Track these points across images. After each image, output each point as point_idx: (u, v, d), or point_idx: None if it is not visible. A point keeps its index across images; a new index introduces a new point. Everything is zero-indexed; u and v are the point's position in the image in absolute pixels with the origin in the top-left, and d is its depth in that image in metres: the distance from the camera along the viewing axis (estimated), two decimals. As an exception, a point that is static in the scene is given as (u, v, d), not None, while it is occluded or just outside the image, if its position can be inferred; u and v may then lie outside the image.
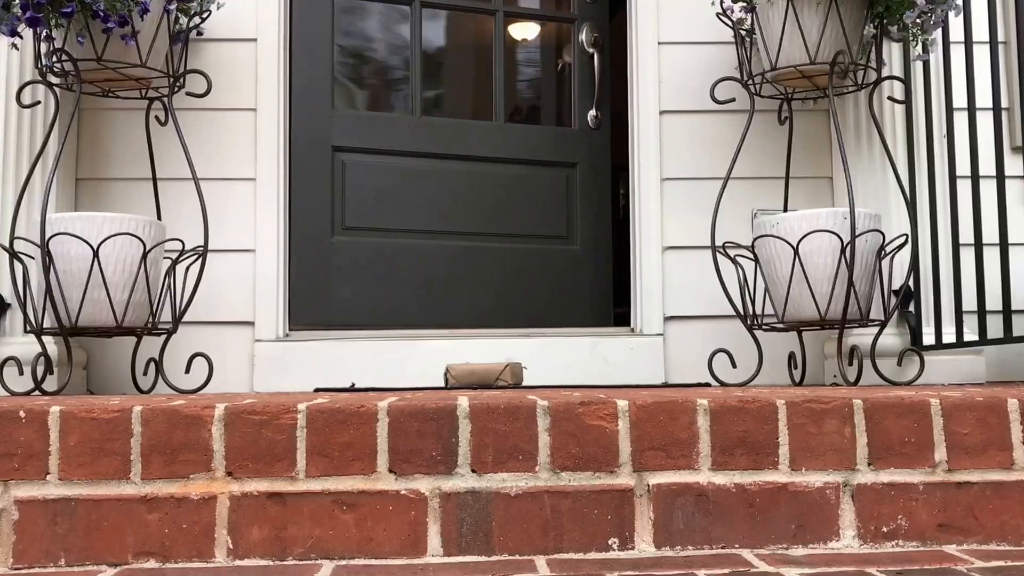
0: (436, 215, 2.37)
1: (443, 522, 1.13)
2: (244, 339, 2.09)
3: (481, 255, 2.37)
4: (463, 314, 2.32)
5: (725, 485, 1.16)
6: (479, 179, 2.41)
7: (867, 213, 1.77)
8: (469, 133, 2.42)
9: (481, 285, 2.38)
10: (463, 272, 2.35)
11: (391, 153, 2.37)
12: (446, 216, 2.37)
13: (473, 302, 2.35)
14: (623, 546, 1.14)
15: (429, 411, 1.16)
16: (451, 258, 2.38)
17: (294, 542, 1.13)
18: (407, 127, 2.39)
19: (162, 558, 1.12)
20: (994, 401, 1.20)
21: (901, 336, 1.92)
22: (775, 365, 1.98)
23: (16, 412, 1.15)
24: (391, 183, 2.37)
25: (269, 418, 1.16)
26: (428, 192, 2.38)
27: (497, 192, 2.41)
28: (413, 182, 2.38)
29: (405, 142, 2.38)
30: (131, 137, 2.06)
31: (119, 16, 1.67)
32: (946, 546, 1.16)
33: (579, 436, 1.17)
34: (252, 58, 2.14)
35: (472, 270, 2.37)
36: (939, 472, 1.18)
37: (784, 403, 1.19)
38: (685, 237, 2.15)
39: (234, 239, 2.10)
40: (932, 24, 1.80)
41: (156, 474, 1.14)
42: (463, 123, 2.44)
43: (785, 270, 1.77)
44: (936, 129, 1.91)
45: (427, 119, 2.41)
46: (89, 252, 1.66)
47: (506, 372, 1.82)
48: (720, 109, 2.00)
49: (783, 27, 1.78)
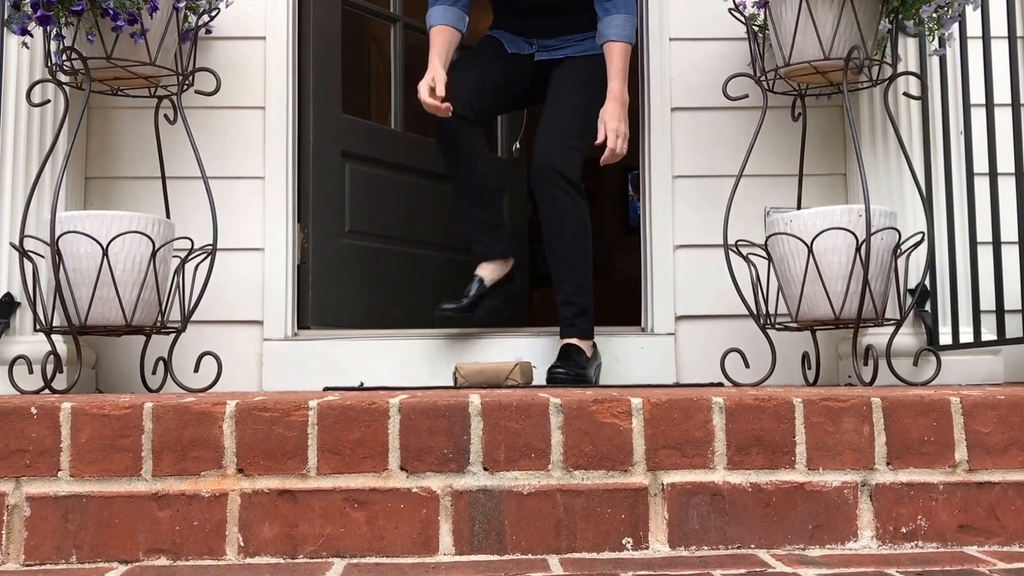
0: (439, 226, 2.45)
1: (455, 520, 1.12)
2: (253, 338, 2.09)
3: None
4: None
5: (741, 484, 1.15)
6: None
7: (882, 211, 1.74)
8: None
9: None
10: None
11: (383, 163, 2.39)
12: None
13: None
14: (637, 546, 1.13)
15: (441, 408, 1.15)
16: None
17: (305, 540, 1.12)
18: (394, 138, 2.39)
19: (173, 555, 1.11)
20: (1016, 400, 1.18)
21: (917, 336, 1.89)
22: (788, 365, 1.96)
23: (28, 409, 1.15)
24: (389, 188, 2.39)
25: (280, 415, 1.15)
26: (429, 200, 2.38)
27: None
28: (410, 190, 2.39)
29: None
30: (140, 135, 2.06)
31: (128, 14, 1.67)
32: (967, 547, 1.14)
33: (592, 434, 1.15)
34: (261, 56, 2.13)
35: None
36: (959, 472, 1.16)
37: (801, 401, 1.17)
38: (697, 235, 2.13)
39: (243, 238, 2.10)
40: (949, 18, 1.77)
41: (167, 471, 1.13)
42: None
43: (799, 268, 1.75)
44: (953, 125, 1.88)
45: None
46: (99, 250, 1.65)
47: (516, 371, 1.80)
48: (732, 106, 1.99)
49: (796, 22, 1.76)
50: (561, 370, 1.91)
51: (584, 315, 1.98)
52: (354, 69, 2.46)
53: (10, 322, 1.85)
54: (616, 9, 2.01)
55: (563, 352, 1.97)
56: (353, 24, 2.46)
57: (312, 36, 2.27)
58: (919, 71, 1.92)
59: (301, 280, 2.19)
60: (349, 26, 2.42)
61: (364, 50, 2.57)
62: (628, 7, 2.02)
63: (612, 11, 2.01)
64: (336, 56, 2.34)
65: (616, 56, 2.00)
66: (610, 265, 6.02)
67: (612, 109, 1.97)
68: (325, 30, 2.32)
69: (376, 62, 2.61)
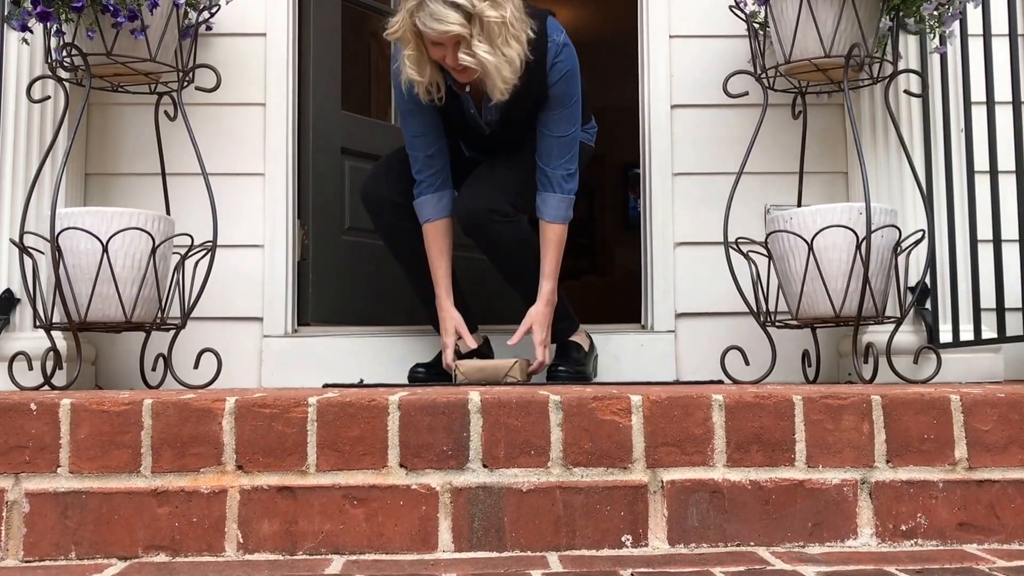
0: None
1: (454, 517, 1.12)
2: (252, 335, 2.09)
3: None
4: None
5: (740, 482, 1.15)
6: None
7: (883, 208, 1.74)
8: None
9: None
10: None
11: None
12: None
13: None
14: (636, 543, 1.13)
15: (440, 405, 1.15)
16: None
17: (304, 536, 1.12)
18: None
19: (172, 552, 1.11)
20: (1016, 398, 1.18)
21: (917, 334, 1.89)
22: (788, 363, 1.96)
23: (27, 405, 1.14)
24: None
25: (280, 412, 1.15)
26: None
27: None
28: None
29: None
30: (140, 132, 2.06)
31: (128, 10, 1.67)
32: (967, 545, 1.14)
33: (592, 431, 1.15)
34: (261, 53, 2.13)
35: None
36: (959, 470, 1.16)
37: (801, 399, 1.17)
38: (697, 233, 2.13)
39: (243, 234, 2.09)
40: (950, 16, 1.77)
41: (166, 467, 1.13)
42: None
43: (799, 266, 1.74)
44: (954, 123, 1.88)
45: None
46: (98, 247, 1.65)
47: (515, 368, 1.80)
48: (733, 103, 1.98)
49: (797, 19, 1.75)
50: (561, 368, 1.91)
51: (562, 318, 1.94)
52: (354, 65, 2.46)
53: (10, 318, 1.85)
54: (551, 188, 1.82)
55: (561, 350, 1.97)
56: (353, 20, 2.45)
57: (312, 32, 2.26)
58: (920, 69, 1.92)
59: (301, 277, 2.19)
60: (349, 22, 2.42)
61: (364, 46, 2.57)
62: (565, 186, 1.82)
63: (547, 188, 1.82)
64: (336, 52, 2.34)
65: (551, 245, 1.82)
66: (609, 262, 6.01)
67: (543, 312, 1.81)
68: (325, 26, 2.32)
69: (376, 58, 2.60)
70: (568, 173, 1.85)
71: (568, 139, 1.84)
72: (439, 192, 1.88)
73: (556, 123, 1.82)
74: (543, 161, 1.84)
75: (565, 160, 1.84)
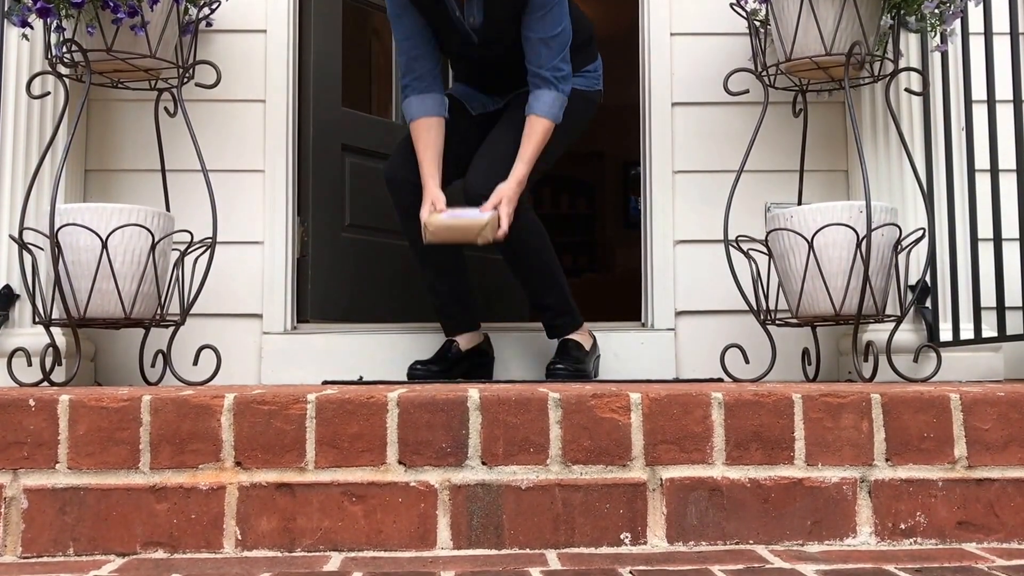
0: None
1: (453, 515, 1.12)
2: (252, 331, 2.09)
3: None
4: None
5: (739, 480, 1.15)
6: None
7: (883, 207, 1.74)
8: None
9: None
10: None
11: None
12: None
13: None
14: (635, 541, 1.13)
15: (439, 402, 1.15)
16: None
17: (303, 533, 1.12)
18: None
19: (170, 548, 1.11)
20: (1016, 396, 1.18)
21: (917, 332, 1.89)
22: (788, 361, 1.96)
23: (26, 401, 1.14)
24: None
25: (278, 408, 1.14)
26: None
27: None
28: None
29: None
30: (140, 128, 2.05)
31: (129, 6, 1.67)
32: (966, 544, 1.14)
33: (591, 429, 1.15)
34: (262, 49, 2.13)
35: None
36: (959, 468, 1.16)
37: (800, 397, 1.17)
38: (697, 231, 2.12)
39: (242, 231, 2.09)
40: (951, 14, 1.77)
41: (165, 464, 1.13)
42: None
43: (799, 264, 1.74)
44: (954, 121, 1.88)
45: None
46: (98, 243, 1.65)
47: (487, 229, 1.72)
48: (733, 101, 1.98)
49: (798, 17, 1.75)
50: (560, 366, 1.91)
51: (564, 313, 1.94)
52: (354, 62, 2.45)
53: (9, 314, 1.85)
54: (548, 84, 1.81)
55: (561, 348, 1.97)
56: (353, 17, 2.45)
57: (313, 29, 2.26)
58: (921, 67, 1.91)
59: (300, 273, 2.18)
60: (349, 19, 2.41)
61: (365, 43, 2.57)
62: (560, 86, 1.82)
63: (542, 86, 1.82)
64: (336, 49, 2.33)
65: (536, 135, 1.80)
66: (610, 260, 6.02)
67: (513, 189, 1.78)
68: (325, 23, 2.31)
69: (377, 55, 2.60)
70: (562, 74, 1.83)
71: (556, 39, 1.80)
72: (423, 94, 1.88)
73: (540, 23, 1.78)
74: (534, 64, 1.82)
75: (557, 60, 1.81)
